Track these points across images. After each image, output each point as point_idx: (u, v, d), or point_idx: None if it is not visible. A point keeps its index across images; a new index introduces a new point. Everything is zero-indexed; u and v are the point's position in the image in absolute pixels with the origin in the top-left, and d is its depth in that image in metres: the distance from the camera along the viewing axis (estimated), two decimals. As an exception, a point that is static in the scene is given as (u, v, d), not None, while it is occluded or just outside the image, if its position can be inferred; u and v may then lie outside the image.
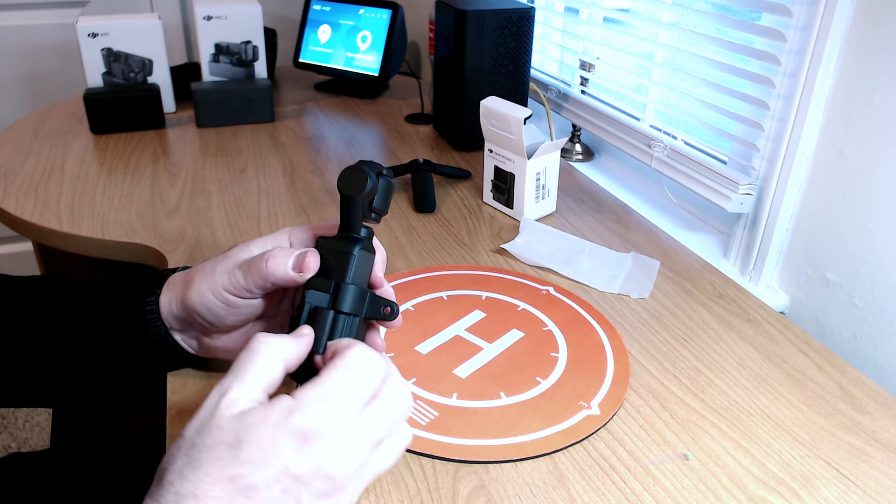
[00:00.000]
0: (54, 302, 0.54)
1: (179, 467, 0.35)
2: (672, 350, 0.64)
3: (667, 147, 0.92)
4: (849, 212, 0.72)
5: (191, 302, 0.49)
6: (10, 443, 1.67)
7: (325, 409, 0.38)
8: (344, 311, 0.46)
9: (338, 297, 0.46)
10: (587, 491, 0.49)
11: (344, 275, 0.47)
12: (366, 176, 0.47)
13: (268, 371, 0.39)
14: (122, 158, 1.07)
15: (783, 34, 0.74)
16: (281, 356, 0.41)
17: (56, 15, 1.74)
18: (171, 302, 0.51)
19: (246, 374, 0.39)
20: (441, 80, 1.12)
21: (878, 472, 0.51)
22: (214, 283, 0.48)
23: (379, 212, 0.50)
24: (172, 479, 0.35)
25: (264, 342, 0.40)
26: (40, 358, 0.53)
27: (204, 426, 0.36)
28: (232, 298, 0.48)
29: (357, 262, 0.47)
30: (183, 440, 0.36)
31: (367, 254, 0.48)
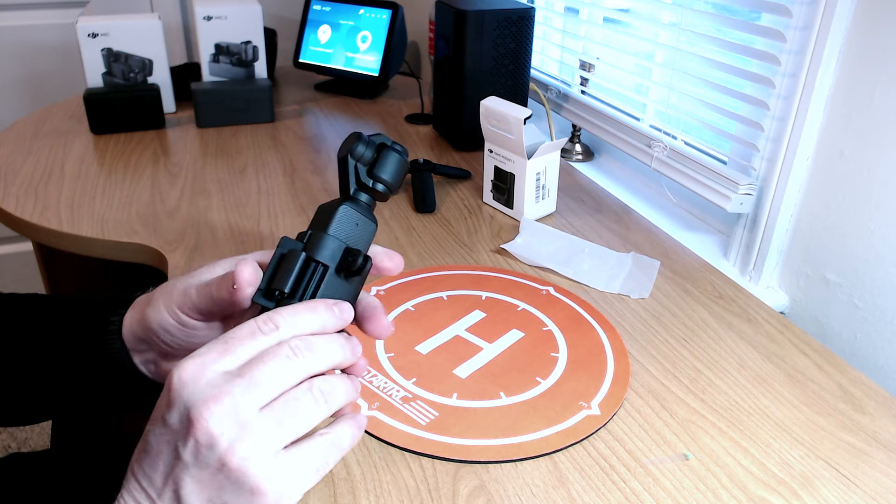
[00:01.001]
0: (26, 322, 0.52)
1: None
2: (672, 350, 0.64)
3: (667, 147, 0.92)
4: (849, 212, 0.72)
5: (149, 320, 0.47)
6: (10, 443, 1.67)
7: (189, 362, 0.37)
8: (316, 257, 0.43)
9: (309, 242, 0.43)
10: (587, 491, 0.49)
11: (324, 227, 0.44)
12: (357, 138, 0.45)
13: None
14: (122, 158, 1.07)
15: (783, 34, 0.74)
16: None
17: (56, 15, 1.74)
18: (134, 322, 0.49)
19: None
20: (441, 80, 1.12)
21: (878, 472, 0.51)
22: (170, 301, 0.46)
23: (385, 183, 0.47)
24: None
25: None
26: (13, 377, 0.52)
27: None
28: (185, 319, 0.46)
29: (340, 216, 0.44)
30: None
31: (354, 213, 0.45)
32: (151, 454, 0.38)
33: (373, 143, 0.46)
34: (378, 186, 0.47)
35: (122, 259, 0.84)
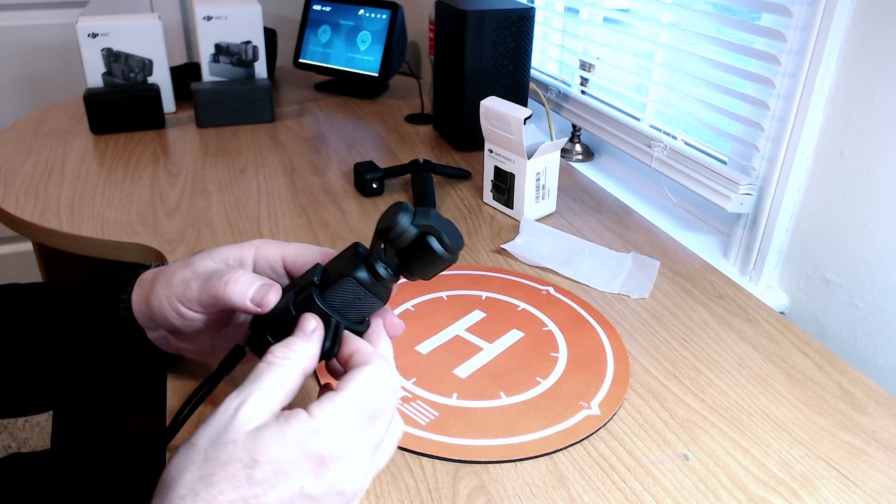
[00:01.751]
0: (30, 308, 0.53)
1: (191, 482, 0.34)
2: (672, 350, 0.64)
3: (667, 147, 0.92)
4: (849, 212, 0.72)
5: (152, 306, 0.48)
6: (10, 443, 1.67)
7: (342, 432, 0.37)
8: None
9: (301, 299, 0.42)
10: (587, 491, 0.49)
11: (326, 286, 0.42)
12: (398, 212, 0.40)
13: (286, 384, 0.38)
14: (122, 158, 1.07)
15: (783, 34, 0.74)
16: (299, 369, 0.39)
17: (56, 15, 1.74)
18: (141, 301, 0.49)
19: (264, 387, 0.37)
20: (441, 80, 1.12)
21: (878, 472, 0.51)
22: (170, 291, 0.46)
23: (412, 276, 0.42)
24: (184, 493, 0.34)
25: (283, 356, 0.39)
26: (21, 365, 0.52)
27: (218, 440, 0.35)
28: (183, 310, 0.46)
29: (341, 286, 0.42)
30: (194, 449, 0.35)
31: (358, 288, 0.42)
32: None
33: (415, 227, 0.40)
34: (401, 272, 0.43)
35: (122, 259, 0.84)
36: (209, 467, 0.34)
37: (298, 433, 0.36)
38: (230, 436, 0.35)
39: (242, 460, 0.34)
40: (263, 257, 0.48)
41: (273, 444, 0.35)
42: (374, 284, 0.42)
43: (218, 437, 0.35)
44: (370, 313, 0.44)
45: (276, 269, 0.48)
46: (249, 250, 0.48)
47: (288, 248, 0.48)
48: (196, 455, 0.35)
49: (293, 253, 0.48)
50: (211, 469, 0.34)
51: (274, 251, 0.48)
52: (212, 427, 0.36)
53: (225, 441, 0.35)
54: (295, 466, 0.35)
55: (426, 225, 0.41)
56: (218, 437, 0.35)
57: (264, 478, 0.34)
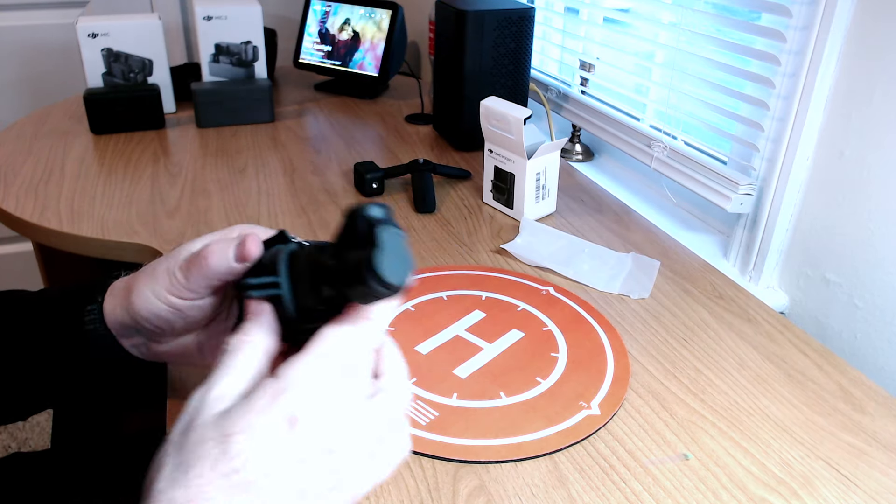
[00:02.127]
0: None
1: (167, 473, 0.33)
2: (672, 350, 0.64)
3: (667, 147, 0.92)
4: (849, 212, 0.72)
5: (135, 308, 0.46)
6: (10, 443, 1.67)
7: (311, 386, 0.35)
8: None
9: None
10: (587, 491, 0.49)
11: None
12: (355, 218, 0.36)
13: (250, 365, 0.37)
14: (122, 158, 1.07)
15: (783, 34, 0.74)
16: (260, 347, 0.38)
17: (56, 15, 1.74)
18: (115, 309, 0.47)
19: (226, 371, 0.36)
20: (441, 80, 1.12)
21: (878, 472, 0.51)
22: (156, 285, 0.45)
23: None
24: (163, 486, 0.33)
25: (238, 340, 0.38)
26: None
27: (188, 427, 0.34)
28: (177, 301, 0.45)
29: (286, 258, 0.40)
30: (169, 444, 0.34)
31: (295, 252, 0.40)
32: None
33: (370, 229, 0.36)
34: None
35: (122, 259, 0.84)
36: (182, 455, 0.33)
37: (265, 396, 0.34)
38: (199, 420, 0.34)
39: (214, 438, 0.33)
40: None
41: (242, 414, 0.34)
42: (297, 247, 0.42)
43: (187, 426, 0.35)
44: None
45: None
46: (230, 234, 0.46)
47: (270, 233, 0.46)
48: (170, 448, 0.34)
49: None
50: (185, 456, 0.33)
51: (262, 234, 0.46)
52: (182, 421, 0.35)
53: (195, 426, 0.34)
54: (267, 430, 0.33)
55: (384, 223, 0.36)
56: (187, 425, 0.35)
57: (238, 449, 0.33)
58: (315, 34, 1.44)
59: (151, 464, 0.35)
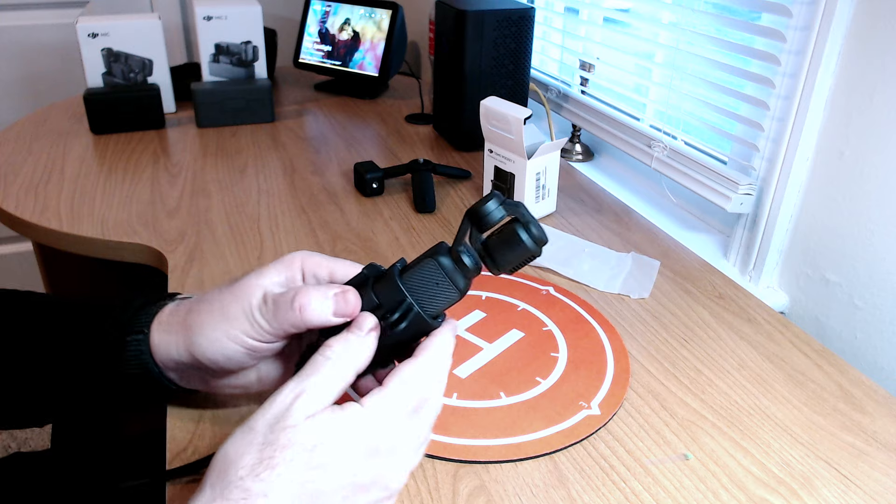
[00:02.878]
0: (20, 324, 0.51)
1: (250, 463, 0.35)
2: (672, 350, 0.64)
3: (667, 147, 0.92)
4: (849, 212, 0.72)
5: (201, 349, 0.44)
6: (10, 443, 1.67)
7: (390, 422, 0.39)
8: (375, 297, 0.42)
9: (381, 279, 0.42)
10: (587, 491, 0.49)
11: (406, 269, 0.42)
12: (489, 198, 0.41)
13: (341, 378, 0.39)
14: (122, 158, 1.07)
15: (783, 34, 0.74)
16: (355, 364, 0.40)
17: (56, 15, 1.74)
18: (171, 347, 0.46)
19: (321, 379, 0.38)
20: (441, 80, 1.12)
21: (878, 472, 0.51)
22: (231, 328, 0.43)
23: (494, 261, 0.42)
24: (243, 474, 0.35)
25: (339, 351, 0.40)
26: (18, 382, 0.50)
27: (277, 424, 0.36)
28: (255, 344, 0.44)
29: (422, 269, 0.42)
30: (253, 433, 0.36)
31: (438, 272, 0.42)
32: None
33: (503, 211, 0.42)
34: (486, 260, 0.43)
35: (122, 259, 0.84)
36: (269, 450, 0.36)
37: (354, 422, 0.38)
38: (289, 421, 0.36)
39: (302, 444, 0.36)
40: (311, 273, 0.46)
41: (331, 431, 0.37)
42: (455, 270, 0.42)
43: (277, 423, 0.36)
44: (445, 305, 0.43)
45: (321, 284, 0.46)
46: (295, 268, 0.45)
47: (338, 265, 0.46)
48: (255, 438, 0.36)
49: (343, 273, 0.45)
50: (271, 452, 0.35)
51: (321, 265, 0.46)
52: (270, 413, 0.37)
53: (284, 426, 0.36)
54: (350, 454, 0.37)
55: (515, 210, 0.42)
56: (277, 422, 0.36)
57: (321, 462, 0.36)
58: (315, 34, 1.44)
59: (228, 444, 0.36)
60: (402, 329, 0.42)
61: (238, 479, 0.35)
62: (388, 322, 0.42)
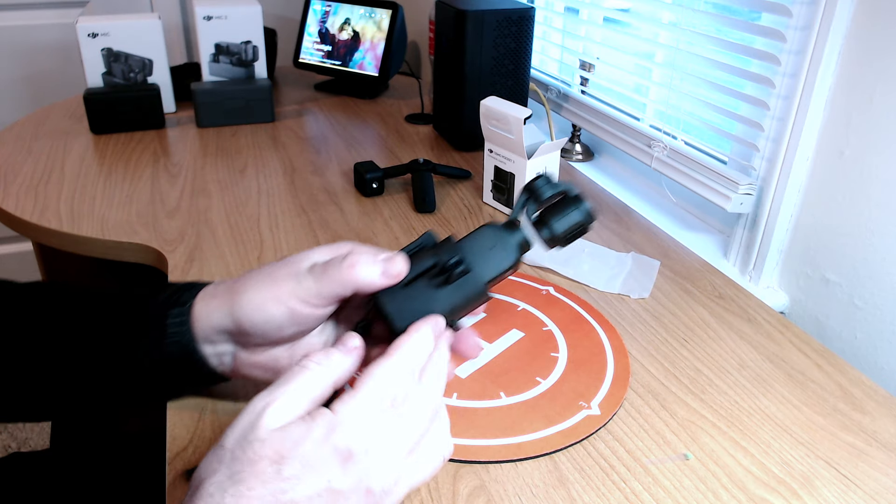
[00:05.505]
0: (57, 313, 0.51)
1: (220, 480, 0.34)
2: (672, 350, 0.64)
3: (667, 147, 0.92)
4: (849, 212, 0.72)
5: (245, 311, 0.45)
6: (10, 443, 1.67)
7: (364, 423, 0.37)
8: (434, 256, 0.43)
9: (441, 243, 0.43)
10: (587, 491, 0.49)
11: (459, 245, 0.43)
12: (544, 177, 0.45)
13: (315, 389, 0.39)
14: (122, 158, 1.07)
15: (783, 34, 0.74)
16: (332, 377, 0.39)
17: (56, 15, 1.74)
18: (213, 313, 0.46)
19: (291, 389, 0.38)
20: (441, 80, 1.12)
21: (878, 472, 0.51)
22: (279, 290, 0.44)
23: (551, 230, 0.45)
24: (212, 490, 0.34)
25: (317, 361, 0.39)
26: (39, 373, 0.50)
27: (245, 438, 0.36)
28: (300, 306, 0.44)
29: (478, 232, 0.44)
30: (223, 450, 0.36)
31: (494, 235, 0.44)
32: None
33: (556, 186, 0.45)
34: (543, 231, 0.45)
35: (122, 259, 0.84)
36: (237, 465, 0.35)
37: (323, 428, 0.36)
38: (257, 434, 0.36)
39: (269, 457, 0.35)
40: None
41: (299, 440, 0.36)
42: (509, 235, 0.44)
43: (244, 436, 0.36)
44: (497, 271, 0.44)
45: None
46: (345, 250, 0.46)
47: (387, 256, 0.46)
48: (224, 455, 0.36)
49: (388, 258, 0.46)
50: (239, 467, 0.35)
51: (371, 251, 0.46)
52: (238, 427, 0.36)
53: (252, 439, 0.36)
54: (322, 461, 0.36)
55: (570, 187, 0.45)
56: (244, 436, 0.36)
57: (292, 473, 0.35)
58: (315, 34, 1.44)
59: (202, 464, 0.36)
60: (454, 286, 0.42)
61: (208, 496, 0.34)
62: (442, 276, 0.42)
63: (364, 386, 0.38)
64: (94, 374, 0.50)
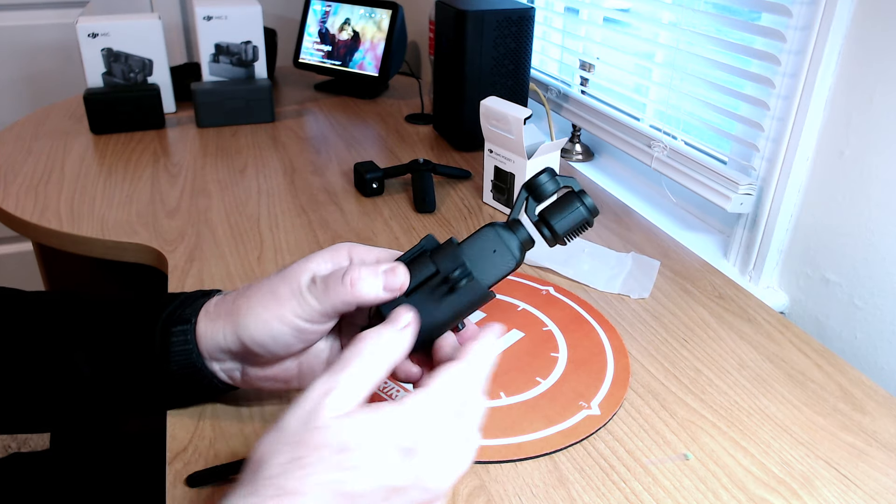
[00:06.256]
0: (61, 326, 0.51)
1: (281, 462, 0.35)
2: (672, 350, 0.64)
3: (667, 147, 0.92)
4: (849, 212, 0.72)
5: (249, 331, 0.45)
6: (10, 443, 1.67)
7: (430, 423, 0.37)
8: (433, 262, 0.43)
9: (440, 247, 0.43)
10: (587, 491, 0.49)
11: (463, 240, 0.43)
12: (545, 170, 0.44)
13: (374, 374, 0.38)
14: (122, 158, 1.07)
15: (783, 34, 0.74)
16: (388, 359, 0.39)
17: (56, 15, 1.74)
18: (218, 333, 0.46)
19: (352, 375, 0.37)
20: (441, 80, 1.12)
21: (878, 472, 0.51)
22: (282, 310, 0.44)
23: (550, 228, 0.45)
24: (275, 472, 0.34)
25: (372, 344, 0.39)
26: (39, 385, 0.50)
27: (308, 423, 0.36)
28: (304, 325, 0.44)
29: (479, 235, 0.43)
30: (284, 433, 0.36)
31: (496, 238, 0.43)
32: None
33: (557, 183, 0.44)
34: (544, 230, 0.45)
35: (122, 259, 0.84)
36: (301, 450, 0.35)
37: (388, 423, 0.36)
38: (319, 421, 0.36)
39: (333, 444, 0.35)
40: (359, 258, 0.46)
41: (363, 431, 0.36)
42: (512, 237, 0.43)
43: (307, 422, 0.36)
44: (501, 273, 0.44)
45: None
46: (341, 256, 0.46)
47: (383, 254, 0.46)
48: (286, 437, 0.36)
49: (390, 258, 0.45)
50: (303, 451, 0.35)
51: (368, 252, 0.46)
52: (300, 411, 0.36)
53: (315, 426, 0.36)
54: (383, 455, 0.36)
55: (568, 182, 0.44)
56: (307, 421, 0.36)
57: (354, 464, 0.35)
58: (315, 34, 1.44)
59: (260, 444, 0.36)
60: (458, 294, 0.42)
61: (270, 478, 0.34)
62: (445, 286, 0.42)
63: (437, 385, 0.39)
64: (100, 391, 0.50)
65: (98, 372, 0.49)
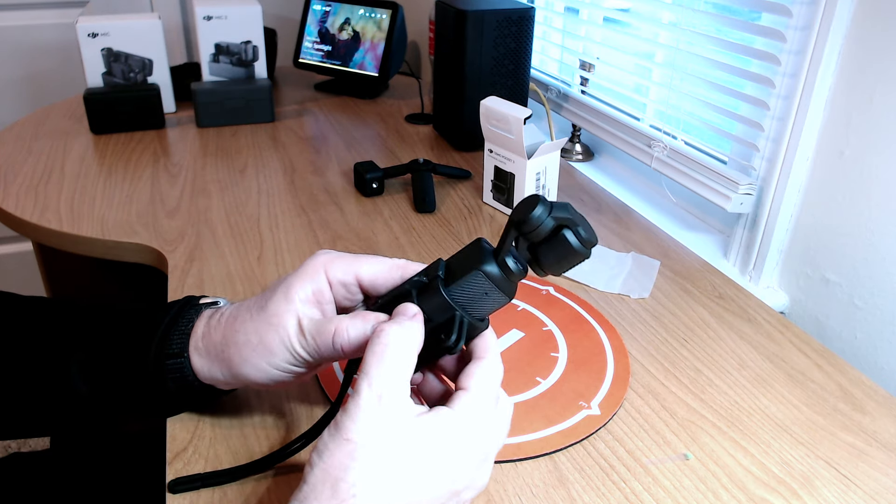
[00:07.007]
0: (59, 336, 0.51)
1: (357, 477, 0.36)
2: (672, 350, 0.64)
3: (667, 147, 0.92)
4: (849, 212, 0.72)
5: (247, 378, 0.46)
6: (10, 443, 1.67)
7: (483, 423, 0.40)
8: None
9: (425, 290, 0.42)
10: (587, 491, 0.49)
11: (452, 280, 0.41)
12: (535, 204, 0.39)
13: (407, 364, 0.39)
14: (122, 158, 1.07)
15: (783, 34, 0.74)
16: (413, 347, 0.40)
17: (56, 15, 1.74)
18: (215, 372, 0.47)
19: (395, 371, 0.38)
20: (441, 80, 1.12)
21: (878, 472, 0.51)
22: (274, 359, 0.44)
23: (543, 269, 0.41)
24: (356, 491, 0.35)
25: (394, 335, 0.39)
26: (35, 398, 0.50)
27: (379, 429, 0.37)
28: (300, 370, 0.46)
29: (469, 280, 0.41)
30: (351, 444, 0.36)
31: (487, 282, 0.41)
32: None
33: (549, 221, 0.39)
34: (534, 266, 0.42)
35: (122, 259, 0.84)
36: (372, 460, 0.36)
37: (448, 426, 0.38)
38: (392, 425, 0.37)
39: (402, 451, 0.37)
40: (336, 280, 0.45)
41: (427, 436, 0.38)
42: (503, 279, 0.41)
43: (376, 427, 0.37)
44: (493, 310, 0.43)
45: (349, 289, 0.46)
46: (320, 279, 0.45)
47: (361, 265, 0.45)
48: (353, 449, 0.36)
49: (370, 272, 0.45)
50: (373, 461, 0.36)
51: (345, 271, 0.45)
52: (363, 419, 0.37)
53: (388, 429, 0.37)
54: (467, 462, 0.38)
55: (564, 218, 0.39)
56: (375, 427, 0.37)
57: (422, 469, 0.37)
58: (315, 34, 1.44)
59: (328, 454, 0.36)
60: (459, 347, 0.42)
61: (351, 497, 0.35)
62: (445, 344, 0.41)
63: (476, 385, 0.40)
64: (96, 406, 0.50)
65: (94, 389, 0.49)
